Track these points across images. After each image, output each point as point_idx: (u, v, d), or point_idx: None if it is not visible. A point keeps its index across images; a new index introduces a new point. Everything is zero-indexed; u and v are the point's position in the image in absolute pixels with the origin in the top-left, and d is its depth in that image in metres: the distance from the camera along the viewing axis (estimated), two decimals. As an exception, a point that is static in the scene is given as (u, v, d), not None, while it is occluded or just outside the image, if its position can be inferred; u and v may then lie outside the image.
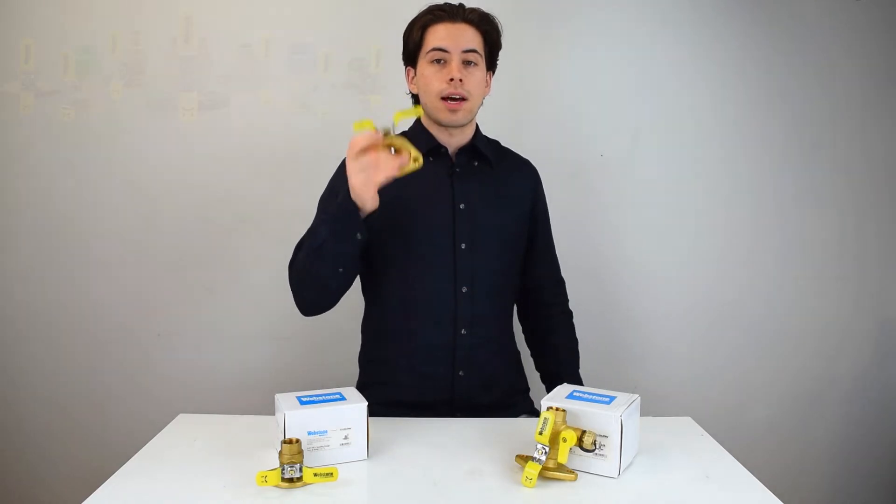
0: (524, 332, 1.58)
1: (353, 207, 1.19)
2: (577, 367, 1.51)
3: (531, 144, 1.62)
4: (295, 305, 1.36)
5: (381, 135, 1.15)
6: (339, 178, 1.41)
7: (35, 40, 1.87)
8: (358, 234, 1.22)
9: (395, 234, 1.37)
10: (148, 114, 1.92)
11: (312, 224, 1.31)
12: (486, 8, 1.41)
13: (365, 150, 1.15)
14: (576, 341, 1.54)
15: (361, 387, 1.41)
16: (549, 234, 1.55)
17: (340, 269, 1.28)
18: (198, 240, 1.96)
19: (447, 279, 1.37)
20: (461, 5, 1.39)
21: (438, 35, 1.35)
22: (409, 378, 1.38)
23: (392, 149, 1.16)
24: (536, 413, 1.02)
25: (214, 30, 1.91)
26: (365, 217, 1.23)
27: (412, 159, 1.17)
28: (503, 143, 1.53)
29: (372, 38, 1.91)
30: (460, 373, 1.38)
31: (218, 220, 1.96)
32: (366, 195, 1.17)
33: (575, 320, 1.56)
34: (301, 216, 1.52)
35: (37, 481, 1.99)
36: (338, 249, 1.24)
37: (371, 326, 1.46)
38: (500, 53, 1.46)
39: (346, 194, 1.19)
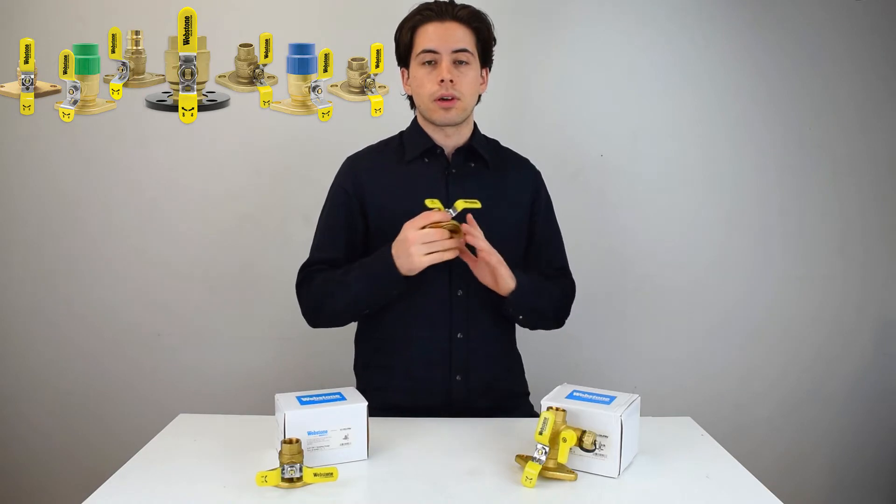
0: None
1: (397, 273, 1.23)
2: (548, 292, 1.41)
3: (531, 144, 1.62)
4: (297, 304, 1.36)
5: (450, 215, 1.21)
6: (340, 188, 1.41)
7: (35, 40, 1.87)
8: (396, 291, 1.27)
9: (390, 238, 1.36)
10: (148, 114, 1.93)
11: (343, 277, 1.31)
12: (487, 7, 1.40)
13: (429, 224, 1.20)
14: (562, 291, 1.46)
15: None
16: (552, 227, 1.50)
17: (367, 312, 1.36)
18: (198, 240, 1.96)
19: (442, 283, 1.35)
20: (450, 3, 1.36)
21: (428, 36, 1.33)
22: (406, 383, 1.37)
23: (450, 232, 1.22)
24: (536, 416, 1.02)
25: (214, 29, 1.91)
26: (361, 213, 1.33)
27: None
28: (503, 143, 1.52)
29: (372, 38, 1.91)
30: (457, 377, 1.36)
31: (218, 220, 1.96)
32: (421, 269, 1.22)
33: (575, 320, 1.52)
34: (301, 216, 1.52)
35: (37, 481, 1.99)
36: (371, 304, 1.33)
37: (367, 333, 1.45)
38: (501, 53, 1.44)
39: (389, 260, 1.23)
